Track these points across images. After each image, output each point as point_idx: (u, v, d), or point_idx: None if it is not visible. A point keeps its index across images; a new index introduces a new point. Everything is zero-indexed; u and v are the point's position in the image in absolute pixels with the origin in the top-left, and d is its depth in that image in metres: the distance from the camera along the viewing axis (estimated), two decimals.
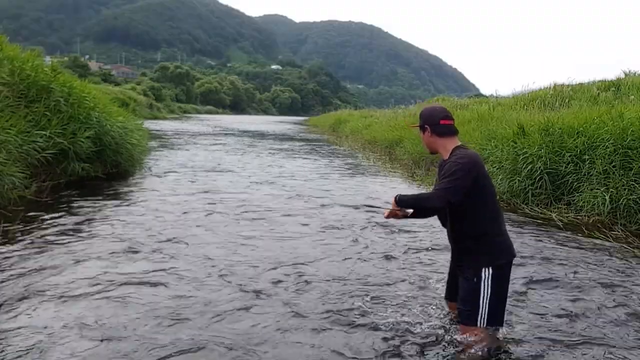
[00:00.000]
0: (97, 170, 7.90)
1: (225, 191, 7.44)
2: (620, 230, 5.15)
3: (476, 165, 2.52)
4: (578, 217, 5.77)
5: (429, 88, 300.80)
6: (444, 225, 2.83)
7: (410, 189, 8.20)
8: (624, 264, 4.24)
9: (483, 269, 2.55)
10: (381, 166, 11.83)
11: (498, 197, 6.89)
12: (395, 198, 2.60)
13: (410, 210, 2.61)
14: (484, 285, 2.55)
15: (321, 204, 6.73)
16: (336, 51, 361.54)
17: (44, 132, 6.64)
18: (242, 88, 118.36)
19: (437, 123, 2.67)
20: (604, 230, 5.21)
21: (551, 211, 6.06)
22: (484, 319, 2.57)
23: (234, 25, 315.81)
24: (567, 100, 10.62)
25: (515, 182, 6.62)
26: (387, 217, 2.65)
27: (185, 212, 5.81)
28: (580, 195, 5.87)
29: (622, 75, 12.95)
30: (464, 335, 2.64)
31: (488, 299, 2.56)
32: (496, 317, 2.61)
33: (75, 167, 7.25)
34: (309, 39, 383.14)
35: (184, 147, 15.60)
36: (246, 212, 6.00)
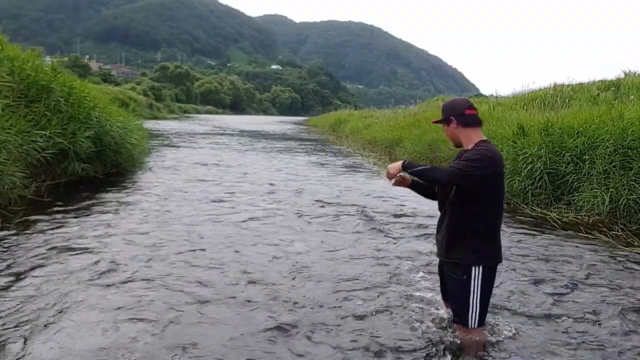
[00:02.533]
0: (97, 170, 7.90)
1: (226, 193, 7.44)
2: (620, 230, 5.15)
3: (499, 162, 2.51)
4: (578, 217, 5.77)
5: (429, 88, 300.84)
6: (441, 210, 2.77)
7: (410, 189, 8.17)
8: (624, 264, 4.24)
9: (473, 268, 2.53)
10: (381, 166, 11.82)
11: None
12: (403, 162, 2.55)
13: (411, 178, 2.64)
14: (474, 284, 2.53)
15: (327, 202, 6.73)
16: (336, 51, 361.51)
17: (44, 132, 6.64)
18: (242, 88, 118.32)
19: (462, 113, 2.61)
20: (604, 230, 5.22)
21: (551, 211, 6.06)
22: (474, 319, 2.56)
23: (234, 25, 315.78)
24: (567, 100, 10.62)
25: (515, 182, 6.62)
26: (389, 178, 2.67)
27: (186, 213, 5.81)
28: (580, 195, 5.87)
29: (622, 75, 12.95)
30: (458, 335, 2.65)
31: (478, 298, 2.55)
32: (484, 316, 2.62)
33: (75, 167, 7.25)
34: (309, 39, 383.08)
35: (184, 147, 15.60)
36: (245, 214, 6.01)
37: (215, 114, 77.29)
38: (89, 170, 7.59)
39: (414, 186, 2.83)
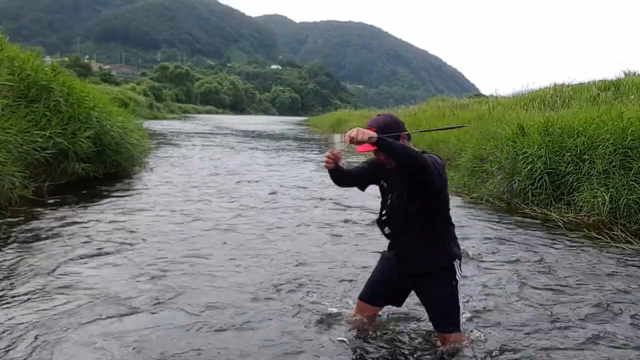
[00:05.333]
0: (97, 170, 7.89)
1: (225, 192, 7.45)
2: (620, 230, 5.14)
3: None
4: (578, 217, 5.77)
5: (429, 88, 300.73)
6: (388, 223, 2.58)
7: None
8: (624, 264, 4.24)
9: (455, 264, 2.49)
10: None
11: (498, 196, 6.94)
12: (378, 138, 2.21)
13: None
14: (459, 282, 2.50)
15: (327, 202, 6.74)
16: (336, 51, 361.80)
17: (43, 132, 6.64)
18: (242, 88, 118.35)
19: (405, 129, 2.48)
20: (604, 230, 5.21)
21: (551, 211, 6.06)
22: (462, 321, 2.56)
23: (234, 25, 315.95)
24: (567, 100, 10.62)
25: (515, 182, 6.62)
26: (349, 138, 2.27)
27: (185, 213, 5.81)
28: (580, 195, 5.87)
29: (622, 76, 12.96)
30: (453, 345, 2.53)
31: (461, 295, 2.53)
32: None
33: (75, 167, 7.24)
34: (309, 39, 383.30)
35: (184, 147, 15.60)
36: (243, 213, 6.01)
37: (215, 114, 77.25)
38: (89, 170, 7.58)
39: (335, 170, 2.60)
